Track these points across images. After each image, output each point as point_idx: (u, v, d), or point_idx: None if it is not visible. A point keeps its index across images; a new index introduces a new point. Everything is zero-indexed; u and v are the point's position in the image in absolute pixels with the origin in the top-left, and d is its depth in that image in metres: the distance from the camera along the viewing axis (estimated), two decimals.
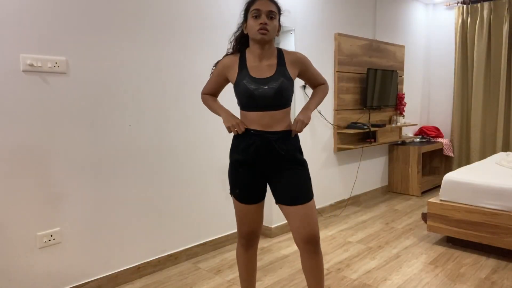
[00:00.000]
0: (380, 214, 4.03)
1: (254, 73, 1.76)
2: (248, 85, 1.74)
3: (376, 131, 4.21)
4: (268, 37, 1.71)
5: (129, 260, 2.57)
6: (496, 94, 4.94)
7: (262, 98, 1.73)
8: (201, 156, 2.94)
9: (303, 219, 1.76)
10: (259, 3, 1.71)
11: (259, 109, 1.74)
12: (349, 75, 4.07)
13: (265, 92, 1.72)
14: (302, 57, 1.85)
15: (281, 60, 1.79)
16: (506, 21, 4.75)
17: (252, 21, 1.71)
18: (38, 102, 2.13)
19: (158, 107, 2.65)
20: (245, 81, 1.75)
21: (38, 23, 2.10)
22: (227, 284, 2.52)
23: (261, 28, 1.69)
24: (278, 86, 1.72)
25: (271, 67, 1.76)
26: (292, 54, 1.83)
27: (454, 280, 2.54)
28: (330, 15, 3.85)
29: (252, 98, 1.74)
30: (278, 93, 1.73)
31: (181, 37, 2.74)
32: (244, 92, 1.75)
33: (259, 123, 1.76)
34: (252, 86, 1.73)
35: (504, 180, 2.88)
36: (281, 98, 1.74)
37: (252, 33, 1.72)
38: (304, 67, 1.85)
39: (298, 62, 1.83)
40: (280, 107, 1.76)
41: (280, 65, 1.77)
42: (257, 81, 1.74)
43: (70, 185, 2.27)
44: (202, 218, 2.98)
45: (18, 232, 2.10)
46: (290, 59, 1.81)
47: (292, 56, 1.82)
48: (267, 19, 1.69)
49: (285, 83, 1.74)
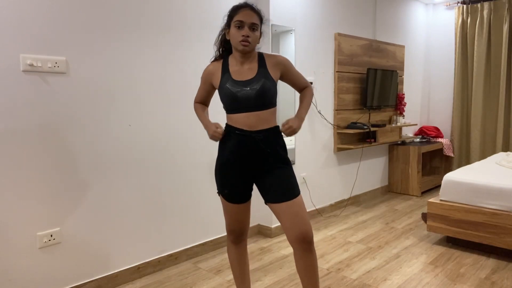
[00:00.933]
0: (380, 214, 4.03)
1: (236, 76, 1.82)
2: (231, 88, 1.80)
3: (376, 131, 4.21)
4: (250, 48, 1.78)
5: (129, 260, 2.57)
6: (496, 94, 4.94)
7: (245, 100, 1.79)
8: (201, 156, 2.94)
9: (294, 218, 1.79)
10: (243, 14, 1.76)
11: (243, 110, 1.80)
12: (349, 75, 4.07)
13: (248, 93, 1.78)
14: (282, 59, 1.89)
15: (262, 62, 1.84)
16: (506, 21, 4.75)
17: (235, 31, 1.76)
18: (38, 102, 2.13)
19: (158, 107, 2.65)
20: (228, 85, 1.81)
21: (38, 23, 2.10)
22: (227, 284, 2.52)
23: (243, 40, 1.74)
24: (260, 86, 1.78)
25: (252, 69, 1.82)
26: (272, 57, 1.87)
27: (454, 280, 2.54)
28: (330, 15, 3.85)
29: (236, 100, 1.79)
30: (261, 93, 1.78)
31: (181, 36, 2.74)
32: (227, 95, 1.81)
33: (245, 124, 1.80)
34: (234, 88, 1.79)
35: (504, 180, 2.88)
36: (264, 98, 1.79)
37: (235, 43, 1.78)
38: (285, 69, 1.89)
39: (279, 64, 1.86)
40: (264, 107, 1.81)
41: (261, 67, 1.83)
42: (239, 83, 1.80)
43: (70, 185, 2.27)
44: (202, 218, 2.98)
45: (18, 232, 2.10)
46: (271, 62, 1.85)
47: (272, 59, 1.86)
48: (249, 31, 1.75)
49: (267, 84, 1.79)
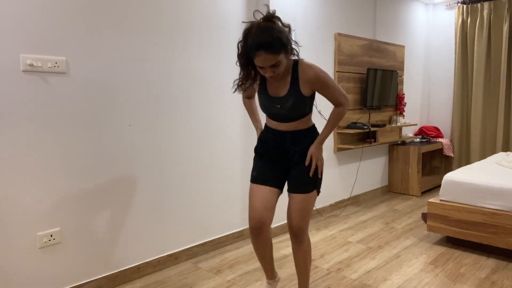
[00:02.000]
0: (380, 214, 4.03)
1: (270, 90, 1.90)
2: (264, 102, 1.92)
3: (376, 131, 4.21)
4: (280, 78, 1.83)
5: (129, 260, 2.57)
6: (496, 94, 4.94)
7: (277, 115, 1.92)
8: (201, 156, 2.94)
9: (294, 210, 1.94)
10: (259, 60, 1.69)
11: (275, 119, 1.95)
12: (349, 75, 4.07)
13: (279, 111, 1.88)
14: (314, 77, 1.83)
15: (295, 78, 1.84)
16: (506, 21, 4.75)
17: (259, 69, 1.76)
18: (38, 102, 2.13)
19: (158, 106, 2.65)
20: (263, 97, 1.92)
21: (38, 23, 2.10)
22: (227, 284, 2.52)
23: (269, 78, 1.80)
24: (290, 106, 1.84)
25: (285, 85, 1.85)
26: (306, 72, 1.83)
27: (454, 280, 2.54)
28: (330, 15, 3.85)
29: (268, 112, 1.94)
30: (291, 112, 1.87)
31: (181, 36, 2.74)
32: (262, 105, 1.96)
33: (277, 127, 1.96)
34: (268, 103, 1.90)
35: (504, 180, 2.88)
36: (294, 114, 1.89)
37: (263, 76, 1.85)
38: (317, 86, 1.86)
39: (310, 83, 1.84)
40: (295, 120, 1.92)
41: (293, 84, 1.84)
42: (271, 99, 1.89)
43: (70, 184, 2.27)
44: (202, 218, 2.98)
45: (18, 232, 2.10)
46: (304, 78, 1.83)
47: (305, 75, 1.83)
48: (273, 70, 1.73)
49: (296, 103, 1.84)
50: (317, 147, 1.94)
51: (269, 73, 1.73)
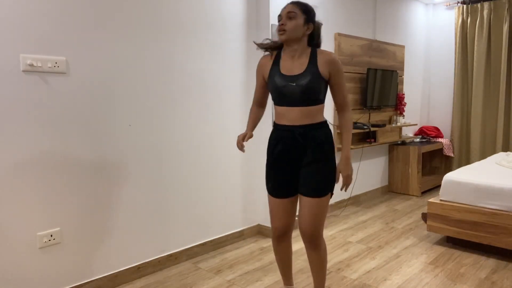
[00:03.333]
0: (380, 214, 4.03)
1: (284, 70, 1.85)
2: (277, 82, 1.84)
3: (376, 131, 4.21)
4: (286, 37, 1.81)
5: (129, 260, 2.57)
6: (496, 94, 4.94)
7: (290, 95, 1.82)
8: (201, 156, 2.94)
9: (307, 215, 1.86)
10: (282, 10, 1.85)
11: (288, 104, 1.85)
12: (349, 75, 4.07)
13: (293, 89, 1.81)
14: (334, 59, 1.85)
15: (313, 58, 1.84)
16: (506, 21, 4.75)
17: (278, 23, 1.86)
18: (38, 102, 2.12)
19: (158, 106, 2.65)
20: (275, 78, 1.85)
21: (38, 23, 2.10)
22: (227, 284, 2.52)
23: (278, 29, 1.82)
24: (306, 83, 1.79)
25: (302, 65, 1.83)
26: (326, 54, 1.85)
27: (454, 280, 2.54)
28: (330, 15, 3.85)
29: (281, 94, 1.84)
30: (306, 90, 1.80)
31: (181, 36, 2.74)
32: (274, 88, 1.86)
33: (287, 118, 1.86)
34: (281, 82, 1.83)
35: (504, 180, 2.88)
36: (309, 95, 1.81)
37: (277, 32, 1.86)
38: (333, 70, 1.84)
39: (329, 63, 1.83)
40: (308, 104, 1.83)
41: (311, 64, 1.83)
42: (286, 78, 1.83)
43: (70, 185, 2.27)
44: (202, 218, 2.98)
45: (18, 232, 2.10)
46: (323, 59, 1.83)
47: (325, 56, 1.84)
48: (285, 20, 1.81)
49: (312, 81, 1.79)
50: (345, 163, 1.87)
51: (283, 20, 1.81)
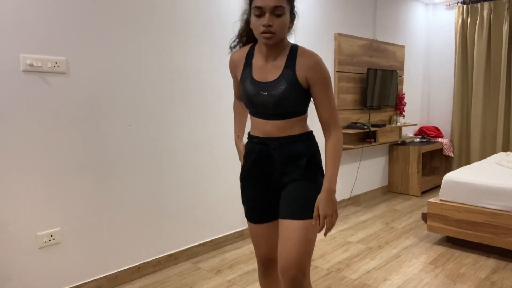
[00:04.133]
0: (380, 214, 4.03)
1: (257, 74, 1.47)
2: (248, 89, 1.47)
3: (376, 131, 4.21)
4: (274, 41, 1.38)
5: (129, 260, 2.57)
6: (496, 94, 4.94)
7: (262, 106, 1.46)
8: (201, 156, 2.94)
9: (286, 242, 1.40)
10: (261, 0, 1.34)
11: (261, 116, 1.49)
12: (349, 75, 4.07)
13: (265, 99, 1.43)
14: (315, 64, 1.40)
15: (291, 60, 1.43)
16: (506, 21, 4.75)
17: (255, 20, 1.37)
18: (38, 102, 2.13)
19: (158, 106, 2.65)
20: (246, 83, 1.48)
21: (38, 23, 2.10)
22: (227, 284, 2.52)
23: (264, 31, 1.35)
24: (280, 94, 1.41)
25: (277, 68, 1.44)
26: (307, 56, 1.42)
27: (454, 280, 2.54)
28: (330, 15, 3.85)
29: (253, 104, 1.48)
30: (279, 102, 1.42)
31: (181, 36, 2.74)
32: (244, 96, 1.50)
33: (261, 130, 1.51)
34: (252, 90, 1.46)
35: (504, 180, 2.88)
36: (284, 108, 1.43)
37: (256, 34, 1.40)
38: (314, 78, 1.41)
39: (310, 69, 1.40)
40: (284, 117, 1.45)
41: (287, 68, 1.42)
42: (258, 85, 1.45)
43: (70, 185, 2.27)
44: (202, 218, 2.98)
45: (18, 232, 2.10)
46: (303, 63, 1.41)
47: (306, 60, 1.41)
48: (272, 18, 1.34)
49: (288, 90, 1.40)
50: (327, 198, 1.40)
51: (267, 20, 1.33)
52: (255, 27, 1.39)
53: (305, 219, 1.41)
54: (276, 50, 1.45)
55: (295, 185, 1.46)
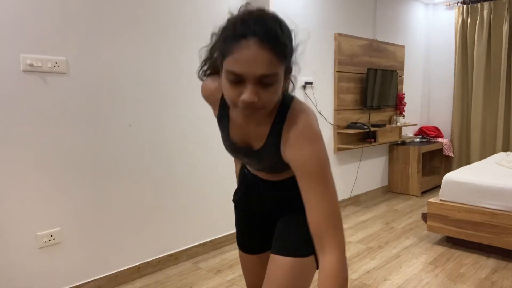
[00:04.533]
0: (380, 214, 4.03)
1: (234, 133, 1.14)
2: (226, 145, 1.20)
3: (376, 131, 4.21)
4: (259, 116, 0.97)
5: (129, 260, 2.57)
6: (496, 94, 4.94)
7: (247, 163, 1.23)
8: (201, 156, 2.94)
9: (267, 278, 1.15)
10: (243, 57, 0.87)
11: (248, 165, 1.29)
12: (349, 75, 4.07)
13: (250, 163, 1.21)
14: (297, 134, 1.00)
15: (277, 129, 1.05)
16: (506, 21, 4.75)
17: (227, 85, 0.93)
18: (38, 102, 2.13)
19: (158, 107, 2.65)
20: (224, 139, 1.20)
21: (38, 23, 2.10)
22: (227, 284, 2.52)
23: (244, 107, 0.92)
24: (264, 166, 1.17)
25: (260, 136, 1.09)
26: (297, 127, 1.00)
27: (454, 280, 2.54)
28: (330, 15, 3.85)
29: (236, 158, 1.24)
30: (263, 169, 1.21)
31: (180, 37, 2.74)
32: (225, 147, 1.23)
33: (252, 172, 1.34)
34: (231, 150, 1.19)
35: (504, 180, 2.88)
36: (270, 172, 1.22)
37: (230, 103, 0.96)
38: (297, 163, 0.98)
39: (293, 148, 1.00)
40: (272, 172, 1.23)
41: (272, 136, 1.06)
42: (238, 149, 1.16)
43: (70, 185, 2.27)
44: (202, 218, 2.98)
45: (18, 232, 2.10)
46: (290, 135, 1.01)
47: (293, 132, 1.01)
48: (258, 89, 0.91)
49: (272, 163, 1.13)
50: None
51: (250, 96, 0.89)
52: (228, 95, 0.94)
53: (300, 256, 1.13)
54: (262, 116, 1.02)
55: (292, 217, 1.22)
